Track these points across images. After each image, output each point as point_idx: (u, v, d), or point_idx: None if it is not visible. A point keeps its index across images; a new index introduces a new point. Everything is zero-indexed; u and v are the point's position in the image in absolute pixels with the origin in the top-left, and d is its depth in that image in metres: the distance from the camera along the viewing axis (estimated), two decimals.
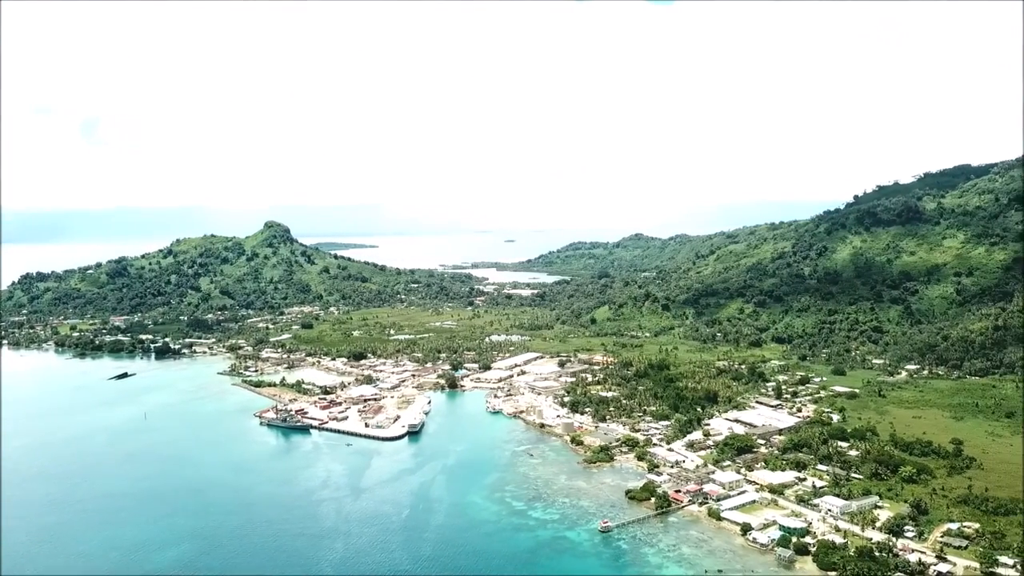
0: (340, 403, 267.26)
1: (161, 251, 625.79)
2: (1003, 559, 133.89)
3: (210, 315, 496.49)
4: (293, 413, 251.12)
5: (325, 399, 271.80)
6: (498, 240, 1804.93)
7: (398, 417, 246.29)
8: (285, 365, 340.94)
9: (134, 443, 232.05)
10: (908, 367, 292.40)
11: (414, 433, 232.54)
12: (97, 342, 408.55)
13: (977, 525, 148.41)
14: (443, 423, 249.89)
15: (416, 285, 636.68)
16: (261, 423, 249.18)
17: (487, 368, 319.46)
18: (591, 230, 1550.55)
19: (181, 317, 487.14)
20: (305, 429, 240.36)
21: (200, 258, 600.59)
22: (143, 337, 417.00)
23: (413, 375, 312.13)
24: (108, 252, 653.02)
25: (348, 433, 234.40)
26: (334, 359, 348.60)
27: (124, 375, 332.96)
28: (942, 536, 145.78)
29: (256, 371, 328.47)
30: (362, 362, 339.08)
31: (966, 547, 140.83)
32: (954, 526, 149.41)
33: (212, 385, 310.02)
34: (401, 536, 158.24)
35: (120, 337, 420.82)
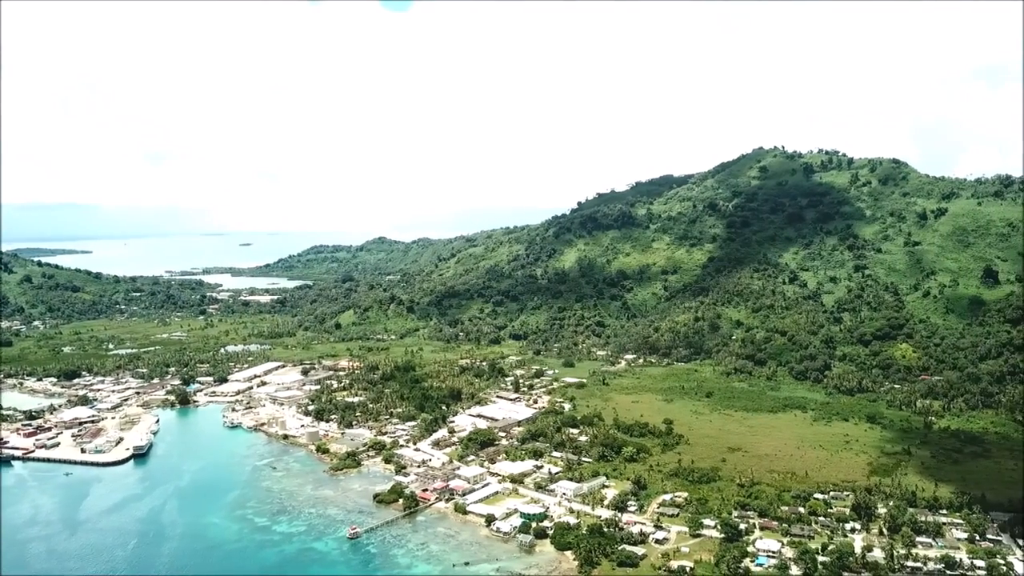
0: (49, 428, 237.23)
1: None
2: (707, 521, 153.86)
3: None
4: None
5: (31, 425, 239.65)
6: (232, 244, 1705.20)
7: (121, 439, 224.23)
8: None
9: None
10: (627, 357, 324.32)
11: (140, 455, 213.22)
12: None
13: (686, 494, 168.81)
14: (175, 442, 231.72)
15: (139, 294, 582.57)
16: None
17: (223, 380, 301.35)
18: (332, 233, 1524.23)
19: None
20: (6, 461, 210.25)
21: None
22: None
23: (138, 392, 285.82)
24: None
25: (61, 461, 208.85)
26: (40, 379, 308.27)
27: None
28: (658, 507, 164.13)
29: None
30: (75, 381, 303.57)
31: (677, 514, 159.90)
32: (668, 497, 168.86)
33: None
34: (128, 569, 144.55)
35: None
